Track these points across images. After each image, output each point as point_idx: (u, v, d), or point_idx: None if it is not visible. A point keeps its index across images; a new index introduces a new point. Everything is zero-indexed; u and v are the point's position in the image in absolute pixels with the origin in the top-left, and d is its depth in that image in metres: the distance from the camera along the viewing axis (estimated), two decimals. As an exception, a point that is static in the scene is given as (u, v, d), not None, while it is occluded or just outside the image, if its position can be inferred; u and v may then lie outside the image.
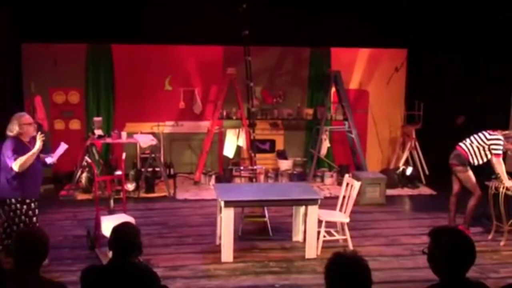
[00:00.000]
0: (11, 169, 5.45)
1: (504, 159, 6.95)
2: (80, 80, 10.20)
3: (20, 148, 5.50)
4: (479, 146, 6.91)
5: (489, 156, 6.89)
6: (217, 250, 6.36)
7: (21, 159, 5.41)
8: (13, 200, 5.55)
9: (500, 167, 6.78)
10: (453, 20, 9.75)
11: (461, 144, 7.06)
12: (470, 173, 7.03)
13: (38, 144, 5.52)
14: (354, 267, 2.66)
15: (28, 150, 5.51)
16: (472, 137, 7.02)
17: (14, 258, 3.10)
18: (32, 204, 5.66)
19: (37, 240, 3.12)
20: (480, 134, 6.98)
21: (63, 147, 6.12)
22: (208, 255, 6.35)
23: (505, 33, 9.08)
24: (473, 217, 7.25)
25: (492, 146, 6.82)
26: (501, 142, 6.80)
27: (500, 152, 6.78)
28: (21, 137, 5.55)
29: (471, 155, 6.94)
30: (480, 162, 6.97)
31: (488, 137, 6.87)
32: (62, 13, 9.52)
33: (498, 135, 6.85)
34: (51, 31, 9.52)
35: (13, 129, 5.50)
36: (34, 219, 5.69)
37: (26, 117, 5.67)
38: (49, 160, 6.02)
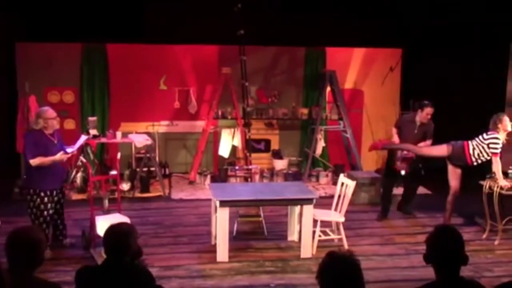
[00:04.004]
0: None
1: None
2: (75, 79, 10.15)
3: (43, 141, 5.86)
4: (478, 144, 6.94)
5: (490, 155, 6.90)
6: (212, 249, 6.36)
7: (42, 160, 5.79)
8: (31, 191, 5.94)
9: (497, 166, 6.82)
10: (448, 20, 9.77)
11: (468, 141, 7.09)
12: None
13: (60, 156, 5.96)
14: (346, 267, 2.66)
15: (51, 142, 5.91)
16: (474, 139, 7.05)
17: (7, 258, 3.08)
18: (46, 198, 5.96)
19: (28, 241, 3.04)
20: (480, 136, 7.00)
21: (83, 138, 6.49)
22: (203, 255, 6.34)
23: (500, 33, 9.10)
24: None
25: (490, 145, 6.84)
26: (499, 141, 6.82)
27: (497, 151, 6.80)
28: (45, 130, 5.88)
29: (472, 149, 6.95)
30: (482, 158, 6.97)
31: (486, 136, 6.90)
32: (57, 12, 9.49)
33: (496, 134, 6.86)
34: (46, 30, 9.49)
35: (37, 123, 5.86)
36: (45, 213, 5.98)
37: (50, 112, 6.01)
38: (69, 149, 6.25)
